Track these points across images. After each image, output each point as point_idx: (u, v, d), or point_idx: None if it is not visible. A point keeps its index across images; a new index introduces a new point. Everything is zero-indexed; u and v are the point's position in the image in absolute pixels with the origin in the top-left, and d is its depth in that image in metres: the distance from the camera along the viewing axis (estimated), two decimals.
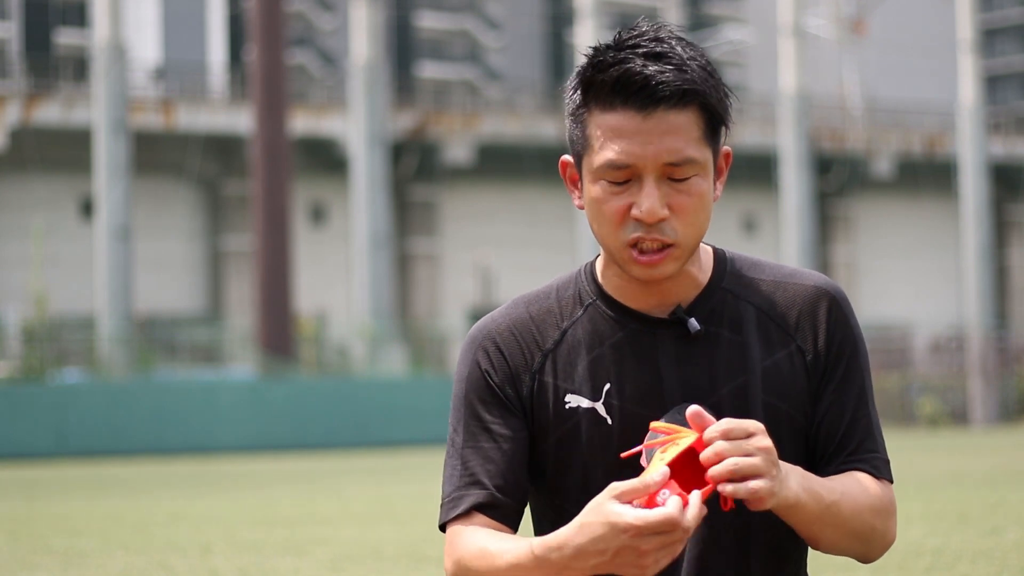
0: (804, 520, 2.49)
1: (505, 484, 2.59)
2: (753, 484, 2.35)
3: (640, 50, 2.49)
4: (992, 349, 47.66)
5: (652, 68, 2.47)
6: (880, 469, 2.62)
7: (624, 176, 2.49)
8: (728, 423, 2.36)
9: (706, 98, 2.49)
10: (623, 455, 2.50)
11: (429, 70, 75.57)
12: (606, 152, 2.49)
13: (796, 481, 2.44)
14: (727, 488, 2.34)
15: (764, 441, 2.37)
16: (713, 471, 2.34)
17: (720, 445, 2.35)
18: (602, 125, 2.49)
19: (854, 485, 2.56)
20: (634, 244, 2.50)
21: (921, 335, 56.77)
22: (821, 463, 2.62)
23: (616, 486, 2.34)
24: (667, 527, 2.29)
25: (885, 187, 60.17)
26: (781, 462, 2.43)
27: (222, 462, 27.54)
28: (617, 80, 2.47)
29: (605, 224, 2.52)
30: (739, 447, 2.35)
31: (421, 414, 32.94)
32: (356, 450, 31.61)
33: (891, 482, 2.63)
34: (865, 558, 2.60)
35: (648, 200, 2.47)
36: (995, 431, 40.03)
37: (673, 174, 2.49)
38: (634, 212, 2.49)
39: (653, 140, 2.47)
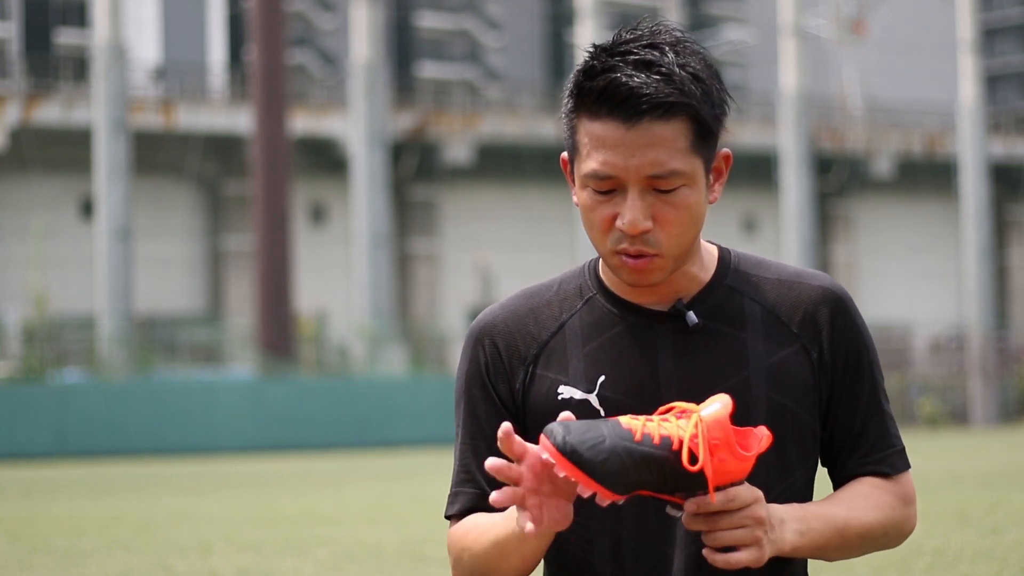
0: (807, 554, 2.53)
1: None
2: (734, 557, 2.39)
3: (630, 57, 2.47)
4: (992, 349, 47.65)
5: (638, 79, 2.45)
6: (895, 464, 2.63)
7: (608, 186, 2.49)
8: (731, 495, 2.38)
9: (695, 109, 2.46)
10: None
11: (429, 70, 75.56)
12: (590, 162, 2.49)
13: (793, 529, 2.47)
14: (714, 557, 2.40)
15: (758, 511, 2.40)
16: (705, 539, 2.40)
17: (712, 519, 2.39)
18: (589, 133, 2.49)
19: (862, 503, 2.58)
20: (621, 252, 2.52)
21: (921, 335, 56.78)
22: (837, 464, 2.65)
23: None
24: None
25: (885, 187, 60.14)
26: (779, 508, 2.47)
27: (222, 462, 27.53)
28: (603, 90, 2.46)
29: (593, 230, 2.54)
30: (730, 520, 2.38)
31: (421, 414, 32.91)
32: (356, 450, 31.59)
33: (908, 469, 2.65)
34: (884, 550, 2.66)
35: (630, 213, 2.47)
36: (995, 431, 40.03)
37: (658, 185, 2.47)
38: (617, 223, 2.49)
39: (636, 152, 2.45)
